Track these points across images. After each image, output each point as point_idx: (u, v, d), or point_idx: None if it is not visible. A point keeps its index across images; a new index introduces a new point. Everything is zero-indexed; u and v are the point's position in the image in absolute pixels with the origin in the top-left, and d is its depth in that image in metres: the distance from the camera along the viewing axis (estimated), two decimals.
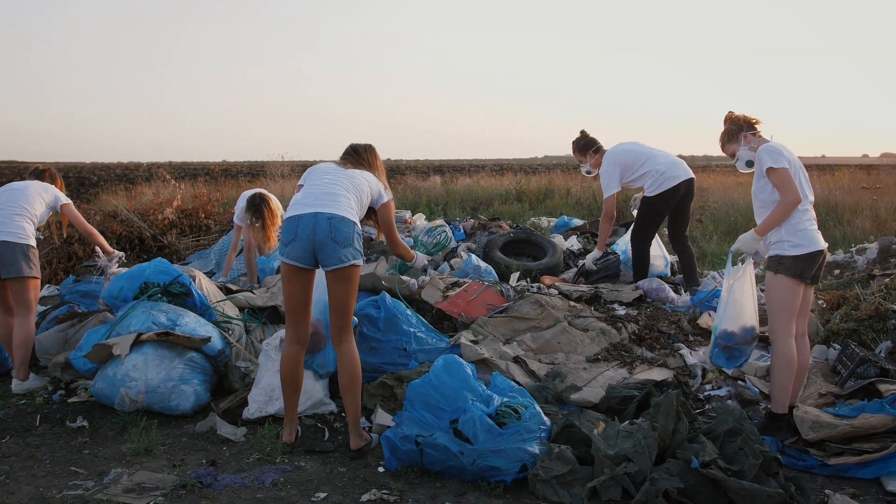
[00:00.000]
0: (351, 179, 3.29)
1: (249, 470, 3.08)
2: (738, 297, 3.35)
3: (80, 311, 4.55)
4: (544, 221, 10.51)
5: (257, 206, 5.55)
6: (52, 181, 4.51)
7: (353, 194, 3.22)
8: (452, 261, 6.24)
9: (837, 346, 3.99)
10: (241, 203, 5.74)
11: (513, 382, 3.40)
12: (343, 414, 3.67)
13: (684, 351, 4.20)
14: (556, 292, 4.87)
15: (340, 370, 3.19)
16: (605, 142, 5.73)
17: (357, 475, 3.05)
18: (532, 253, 6.68)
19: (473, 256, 5.85)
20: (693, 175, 5.41)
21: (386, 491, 2.88)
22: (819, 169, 21.39)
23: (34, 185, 4.27)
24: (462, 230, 7.17)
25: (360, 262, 3.11)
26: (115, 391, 3.64)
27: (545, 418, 3.11)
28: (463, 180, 18.86)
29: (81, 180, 24.52)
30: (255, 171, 23.32)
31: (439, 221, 7.26)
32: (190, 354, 3.75)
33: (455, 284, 4.79)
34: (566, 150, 6.11)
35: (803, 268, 3.22)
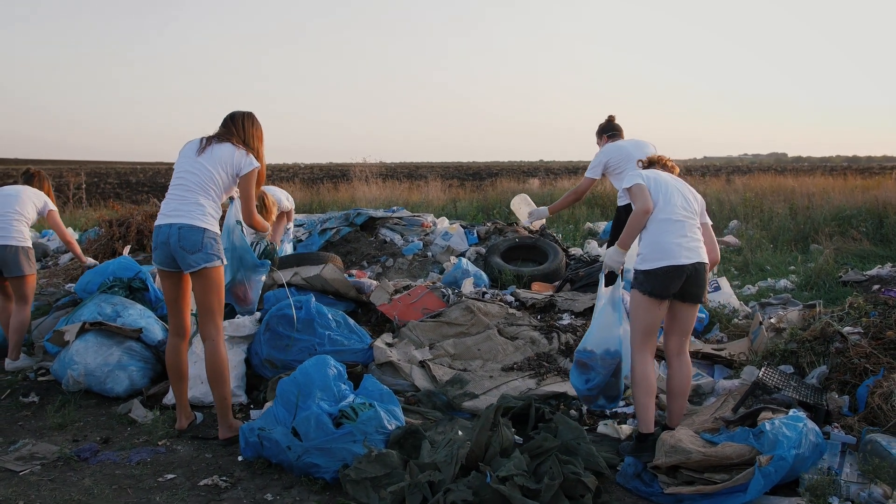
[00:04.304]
0: (203, 169, 3.38)
1: (129, 449, 3.41)
2: (605, 320, 3.21)
3: (78, 300, 5.15)
4: (602, 227, 10.22)
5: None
6: (41, 185, 5.04)
7: (205, 188, 3.36)
8: (445, 264, 6.32)
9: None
10: None
11: (383, 386, 3.47)
12: (251, 406, 3.95)
13: None
14: (498, 299, 4.82)
15: (205, 364, 3.45)
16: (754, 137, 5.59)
17: (217, 461, 3.29)
18: (536, 258, 6.60)
19: (463, 260, 5.90)
20: None
21: (225, 477, 3.09)
22: None
23: (27, 191, 4.84)
24: (476, 234, 7.20)
25: (212, 264, 3.34)
26: (64, 373, 4.14)
27: (386, 422, 3.16)
28: (561, 183, 18.59)
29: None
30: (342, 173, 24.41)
31: (455, 226, 7.35)
32: (129, 343, 4.18)
33: (405, 287, 4.89)
34: (727, 150, 6.04)
35: (654, 284, 3.03)
